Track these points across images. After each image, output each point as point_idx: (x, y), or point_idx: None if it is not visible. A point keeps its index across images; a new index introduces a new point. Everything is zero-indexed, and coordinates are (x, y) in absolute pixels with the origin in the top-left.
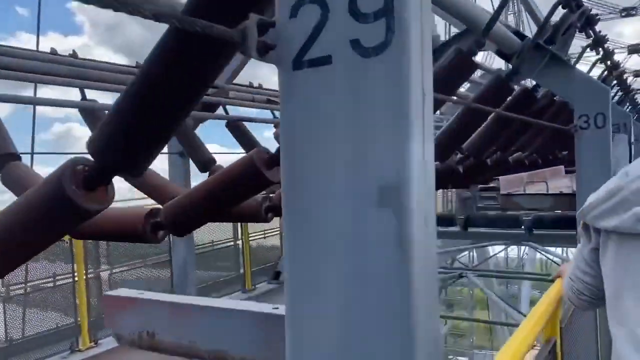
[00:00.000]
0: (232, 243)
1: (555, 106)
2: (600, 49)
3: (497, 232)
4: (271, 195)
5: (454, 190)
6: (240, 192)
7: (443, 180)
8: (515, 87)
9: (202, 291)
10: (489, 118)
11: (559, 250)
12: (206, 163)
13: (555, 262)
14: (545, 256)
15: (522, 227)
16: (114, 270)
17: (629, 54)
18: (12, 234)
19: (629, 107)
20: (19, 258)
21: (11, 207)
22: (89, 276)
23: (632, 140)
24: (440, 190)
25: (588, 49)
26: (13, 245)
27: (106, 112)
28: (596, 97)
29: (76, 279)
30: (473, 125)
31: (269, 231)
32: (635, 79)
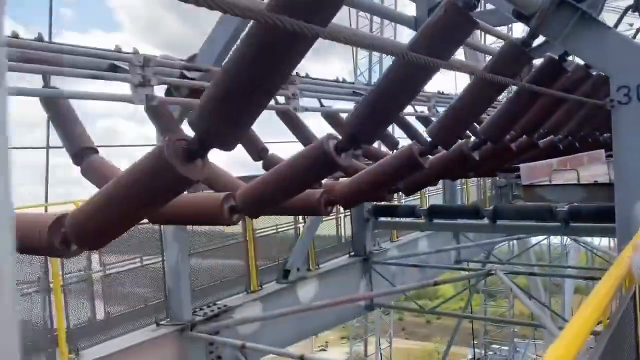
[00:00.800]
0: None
1: (591, 81)
2: None
3: (530, 225)
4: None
5: (488, 178)
6: (310, 178)
7: (452, 168)
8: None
9: (202, 293)
10: (506, 95)
11: (604, 241)
12: (260, 152)
13: (598, 256)
14: (587, 248)
15: (557, 219)
16: None
17: None
18: None
19: None
20: None
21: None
22: None
23: None
24: (475, 178)
25: (630, 11)
26: None
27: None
28: (639, 65)
29: None
30: (484, 103)
31: (283, 225)
32: None
